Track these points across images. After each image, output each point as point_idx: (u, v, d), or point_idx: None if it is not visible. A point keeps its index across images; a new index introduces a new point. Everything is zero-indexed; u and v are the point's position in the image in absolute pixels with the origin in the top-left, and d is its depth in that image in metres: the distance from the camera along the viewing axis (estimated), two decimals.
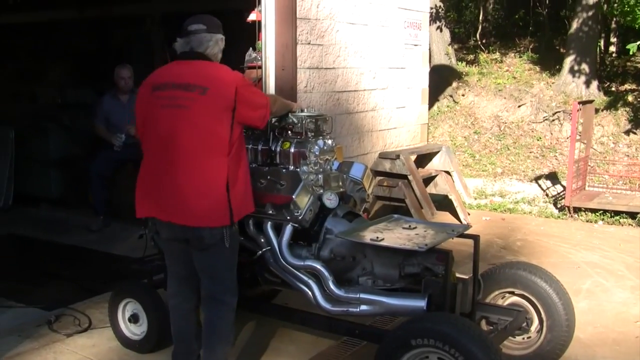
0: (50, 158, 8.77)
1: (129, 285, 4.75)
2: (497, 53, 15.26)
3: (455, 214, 8.39)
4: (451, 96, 13.22)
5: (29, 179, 8.86)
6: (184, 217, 3.74)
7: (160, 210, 3.83)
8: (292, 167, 4.28)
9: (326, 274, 4.05)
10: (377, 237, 3.95)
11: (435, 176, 8.47)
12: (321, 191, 4.26)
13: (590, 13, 12.15)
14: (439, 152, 8.60)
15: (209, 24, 3.92)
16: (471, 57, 15.45)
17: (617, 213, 8.42)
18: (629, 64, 13.78)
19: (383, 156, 7.78)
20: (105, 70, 9.72)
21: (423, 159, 8.54)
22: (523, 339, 4.33)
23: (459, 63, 14.77)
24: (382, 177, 7.87)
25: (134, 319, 4.60)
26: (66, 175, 8.77)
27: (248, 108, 3.78)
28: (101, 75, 9.76)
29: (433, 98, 11.86)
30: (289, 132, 4.40)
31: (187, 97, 3.69)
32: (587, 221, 8.47)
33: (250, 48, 6.99)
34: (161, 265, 4.52)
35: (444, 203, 8.62)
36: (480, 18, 17.24)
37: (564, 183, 9.88)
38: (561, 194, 9.55)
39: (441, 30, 14.16)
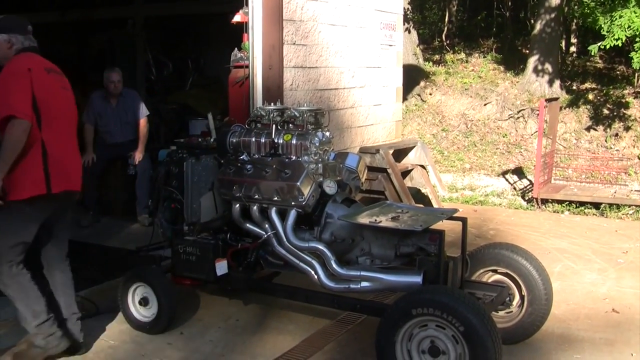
0: None
1: (139, 271, 5.00)
2: (462, 53, 15.70)
3: (430, 206, 8.70)
4: (419, 95, 13.58)
5: None
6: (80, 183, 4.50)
7: (70, 180, 4.37)
8: (294, 158, 4.59)
9: (329, 254, 4.39)
10: (376, 220, 4.30)
11: (411, 170, 8.82)
12: (321, 179, 4.58)
13: (552, 15, 12.65)
14: (414, 147, 8.95)
15: None
16: (437, 57, 15.85)
17: (582, 204, 8.90)
18: (588, 64, 14.33)
19: (363, 150, 8.10)
20: (87, 72, 9.94)
21: (399, 153, 8.85)
22: (505, 313, 4.67)
23: (426, 63, 15.16)
24: None
25: (144, 302, 4.87)
26: None
27: None
28: (83, 78, 9.91)
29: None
30: (290, 125, 4.73)
31: (66, 81, 4.48)
32: (554, 212, 8.93)
33: (236, 48, 7.28)
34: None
35: (417, 196, 8.95)
36: (446, 19, 17.67)
37: (530, 177, 10.37)
38: (528, 187, 10.01)
39: (409, 32, 14.52)
